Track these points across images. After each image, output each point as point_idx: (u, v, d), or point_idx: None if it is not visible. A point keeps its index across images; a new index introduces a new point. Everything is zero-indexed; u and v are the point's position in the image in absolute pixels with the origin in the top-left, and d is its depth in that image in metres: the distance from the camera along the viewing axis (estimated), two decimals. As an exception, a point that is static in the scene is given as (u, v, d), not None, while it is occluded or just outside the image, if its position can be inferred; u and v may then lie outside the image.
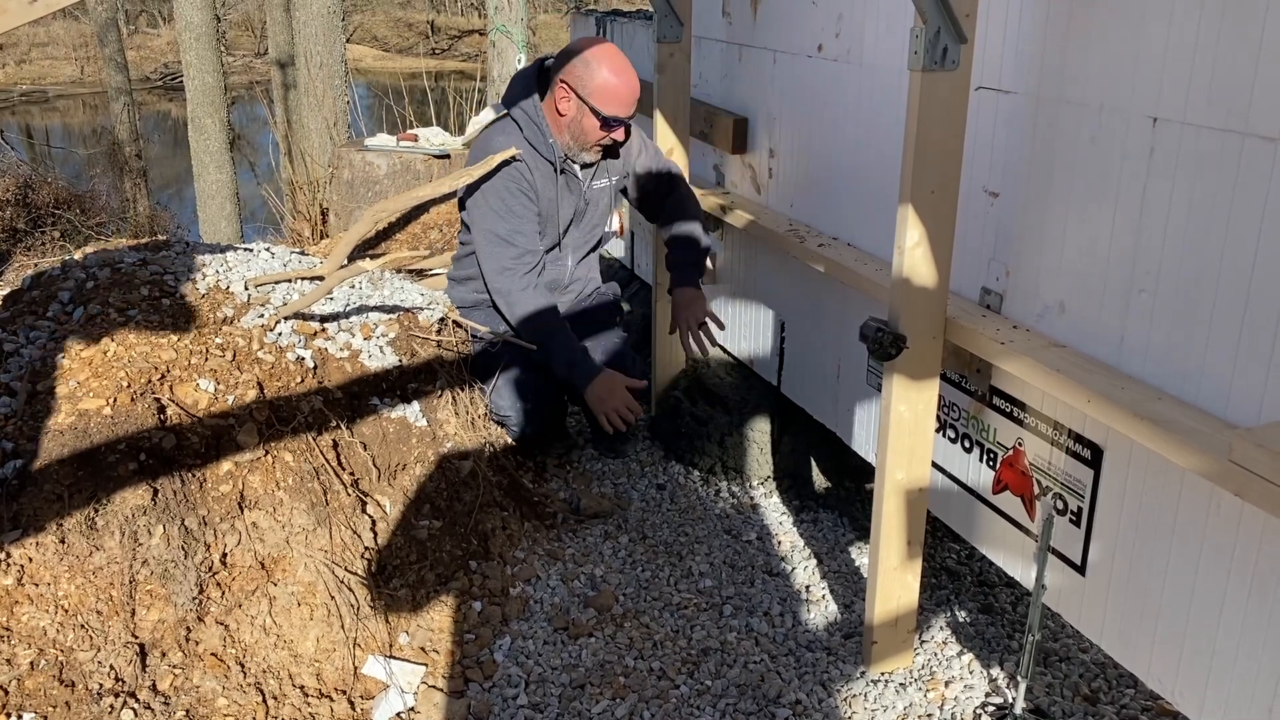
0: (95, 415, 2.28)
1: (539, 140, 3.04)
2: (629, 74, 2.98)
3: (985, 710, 2.37)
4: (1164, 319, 1.84)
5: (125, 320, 2.55)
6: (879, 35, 2.58)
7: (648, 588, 2.89)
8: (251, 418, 2.46)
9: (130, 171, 14.41)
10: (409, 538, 2.64)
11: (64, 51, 24.40)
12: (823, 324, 3.01)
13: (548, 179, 3.08)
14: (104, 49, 16.10)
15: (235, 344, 2.60)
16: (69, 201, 10.18)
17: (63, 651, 2.05)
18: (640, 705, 2.44)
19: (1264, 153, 1.62)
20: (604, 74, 2.95)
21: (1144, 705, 2.39)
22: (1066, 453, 2.11)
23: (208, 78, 10.30)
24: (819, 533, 3.14)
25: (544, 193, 3.09)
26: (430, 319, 3.07)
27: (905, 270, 2.15)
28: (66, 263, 2.87)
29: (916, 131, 2.06)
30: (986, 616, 2.72)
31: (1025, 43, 2.09)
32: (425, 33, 28.59)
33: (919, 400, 2.28)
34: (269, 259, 3.14)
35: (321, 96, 8.69)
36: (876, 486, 2.38)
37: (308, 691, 2.27)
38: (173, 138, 18.70)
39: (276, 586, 2.33)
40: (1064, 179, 2.03)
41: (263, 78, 17.73)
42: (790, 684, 2.49)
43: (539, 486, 3.30)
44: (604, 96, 2.95)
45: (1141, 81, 1.82)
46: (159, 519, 2.22)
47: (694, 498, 3.37)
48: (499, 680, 2.49)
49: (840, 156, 2.83)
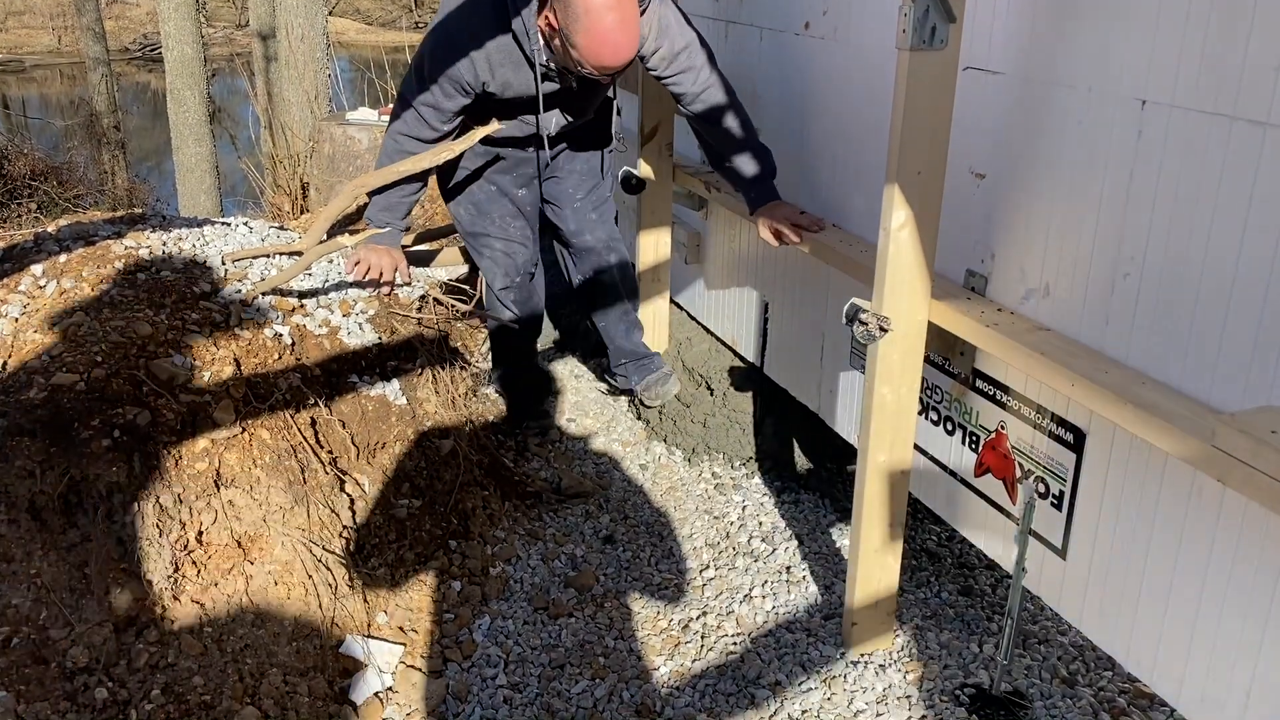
0: (69, 390, 2.24)
1: (523, 36, 2.69)
2: (620, 31, 2.54)
3: (964, 691, 2.38)
4: (1148, 303, 1.84)
5: (99, 294, 2.51)
6: (867, 13, 2.55)
7: (628, 568, 2.88)
8: (228, 394, 2.43)
9: (108, 143, 14.24)
10: (388, 516, 2.62)
11: (41, 20, 24.02)
12: (806, 305, 2.99)
13: (523, 73, 2.76)
14: (82, 18, 15.86)
15: (212, 319, 2.56)
16: (45, 173, 10.05)
17: (36, 629, 2.03)
18: (620, 685, 2.43)
19: (1252, 136, 1.61)
20: (592, 28, 2.52)
21: (1121, 688, 2.40)
22: (1049, 436, 2.11)
23: (187, 49, 10.16)
24: (800, 514, 3.14)
25: (512, 83, 2.78)
26: (410, 296, 3.04)
27: (890, 252, 2.13)
28: (40, 235, 2.82)
29: (904, 112, 2.03)
30: (966, 599, 2.73)
31: (1014, 23, 2.07)
32: (409, 6, 28.29)
33: (902, 382, 2.27)
34: (247, 233, 3.10)
35: (303, 70, 8.59)
36: (859, 468, 2.38)
37: (285, 670, 2.25)
38: (152, 110, 18.47)
39: (253, 565, 2.30)
40: (1051, 161, 2.02)
41: (243, 50, 17.50)
42: (770, 665, 2.49)
43: (520, 466, 3.29)
44: (587, 49, 2.55)
45: (1130, 63, 1.81)
46: (134, 496, 2.19)
47: (676, 478, 3.36)
48: (478, 660, 2.48)
49: (824, 136, 2.81)
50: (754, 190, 2.83)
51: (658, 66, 2.81)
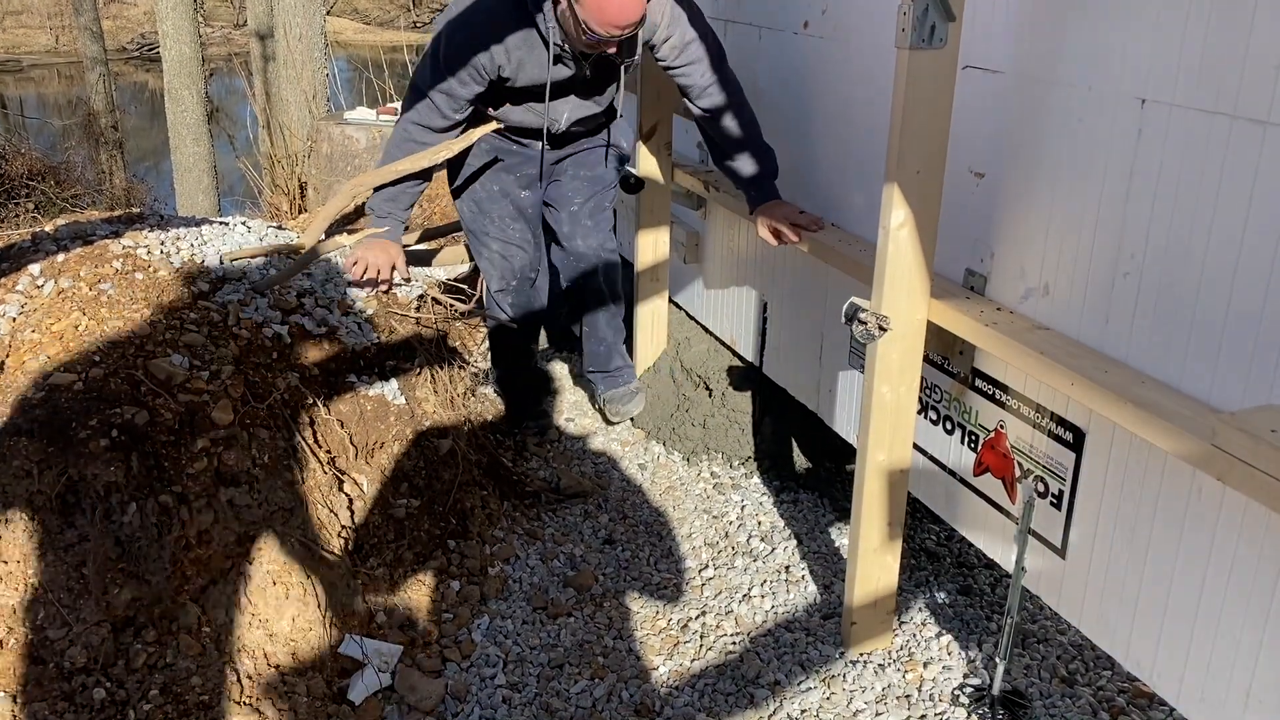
0: (67, 390, 2.24)
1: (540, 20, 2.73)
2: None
3: (963, 691, 2.38)
4: (1148, 302, 1.83)
5: (97, 294, 2.51)
6: (866, 12, 2.55)
7: (627, 567, 2.88)
8: (226, 394, 2.42)
9: (106, 143, 14.20)
10: (386, 516, 2.62)
11: (38, 20, 23.98)
12: (805, 305, 2.99)
13: (537, 55, 2.78)
14: (79, 18, 15.81)
15: (210, 319, 2.55)
16: (43, 173, 10.03)
17: (33, 630, 2.02)
18: (619, 685, 2.43)
19: (1252, 135, 1.60)
20: None
21: (1120, 687, 2.40)
22: (1048, 435, 2.11)
23: (185, 48, 10.14)
24: (799, 513, 3.14)
25: (527, 67, 2.80)
26: (409, 296, 3.04)
27: (889, 251, 2.13)
28: (37, 235, 2.82)
29: (903, 110, 2.03)
30: (965, 598, 2.73)
31: (1013, 21, 2.07)
32: (407, 6, 28.27)
33: (901, 382, 2.27)
34: (245, 233, 3.10)
35: (301, 69, 8.58)
36: (858, 468, 2.38)
37: (283, 670, 2.25)
38: (150, 109, 18.43)
39: (252, 565, 2.30)
40: (1050, 160, 2.01)
41: (241, 49, 17.48)
42: (769, 664, 2.49)
43: (519, 465, 3.28)
44: (589, 7, 2.56)
45: (1130, 62, 1.80)
46: (132, 496, 2.18)
47: (675, 478, 3.36)
48: (477, 660, 2.48)
49: (824, 134, 2.80)
50: (755, 189, 2.83)
51: (667, 56, 2.82)
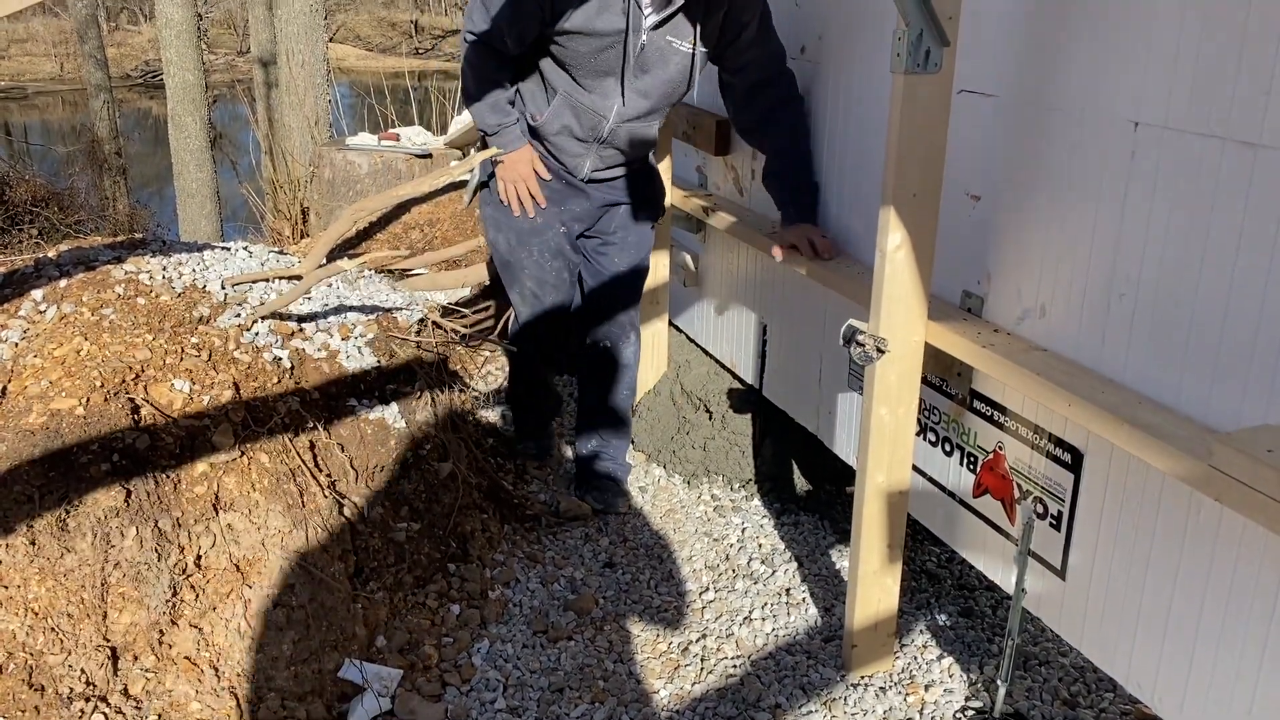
0: (68, 415, 2.24)
1: None
2: None
3: (965, 714, 2.37)
4: (1144, 323, 1.84)
5: (99, 319, 2.52)
6: (862, 38, 2.57)
7: (628, 591, 2.88)
8: (227, 419, 2.43)
9: (110, 169, 14.27)
10: (387, 540, 2.62)
11: (43, 48, 24.18)
12: (804, 327, 3.00)
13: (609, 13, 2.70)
14: (84, 45, 15.93)
15: (211, 344, 2.56)
16: (47, 199, 10.06)
17: (32, 655, 2.02)
18: (619, 709, 2.42)
19: (1244, 158, 1.62)
20: None
21: (1123, 709, 2.39)
22: (1047, 456, 2.11)
23: (188, 75, 10.20)
24: (799, 535, 3.14)
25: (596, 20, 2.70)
26: (409, 320, 3.05)
27: (887, 273, 2.14)
28: (40, 260, 2.83)
29: (899, 134, 2.05)
30: (966, 620, 2.72)
31: (1008, 46, 2.09)
32: (409, 32, 28.49)
33: (900, 403, 2.28)
34: (247, 258, 3.11)
35: (303, 95, 8.63)
36: (857, 490, 2.38)
37: (283, 695, 2.24)
38: (153, 136, 18.54)
39: (252, 589, 2.30)
40: (1045, 182, 2.03)
41: (244, 76, 17.60)
42: (770, 688, 2.48)
43: (519, 489, 3.28)
44: None
45: (1123, 85, 1.82)
46: (132, 521, 2.19)
47: (675, 500, 3.36)
48: (477, 684, 2.47)
49: (822, 158, 2.82)
50: (793, 207, 2.83)
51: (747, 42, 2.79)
